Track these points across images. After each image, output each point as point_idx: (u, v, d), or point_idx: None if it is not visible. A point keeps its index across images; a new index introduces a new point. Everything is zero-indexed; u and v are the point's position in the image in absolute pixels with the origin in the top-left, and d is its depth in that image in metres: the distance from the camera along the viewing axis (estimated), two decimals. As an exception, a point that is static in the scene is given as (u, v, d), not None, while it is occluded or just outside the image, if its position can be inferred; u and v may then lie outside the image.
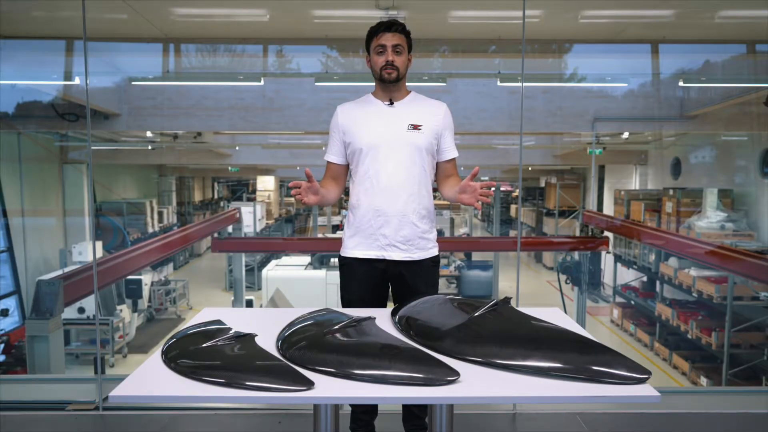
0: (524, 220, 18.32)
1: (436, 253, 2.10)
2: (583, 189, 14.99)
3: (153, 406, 2.79)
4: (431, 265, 2.09)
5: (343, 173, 2.14)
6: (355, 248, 2.07)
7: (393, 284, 2.09)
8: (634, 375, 1.28)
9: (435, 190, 2.17)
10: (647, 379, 1.27)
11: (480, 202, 1.84)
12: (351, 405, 2.10)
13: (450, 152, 2.10)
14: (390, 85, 2.03)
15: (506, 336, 1.47)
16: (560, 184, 15.08)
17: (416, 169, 2.02)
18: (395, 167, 2.00)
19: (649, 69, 7.04)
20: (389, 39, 2.00)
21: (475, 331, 1.48)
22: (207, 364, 1.36)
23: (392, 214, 2.00)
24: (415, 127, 2.02)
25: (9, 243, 8.50)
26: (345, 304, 2.10)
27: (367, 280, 2.06)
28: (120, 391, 1.26)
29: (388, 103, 2.06)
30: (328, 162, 2.13)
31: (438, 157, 2.10)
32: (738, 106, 7.44)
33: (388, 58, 1.99)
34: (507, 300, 1.62)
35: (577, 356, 1.35)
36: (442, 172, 2.12)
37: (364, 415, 2.13)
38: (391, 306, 2.10)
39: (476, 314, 1.54)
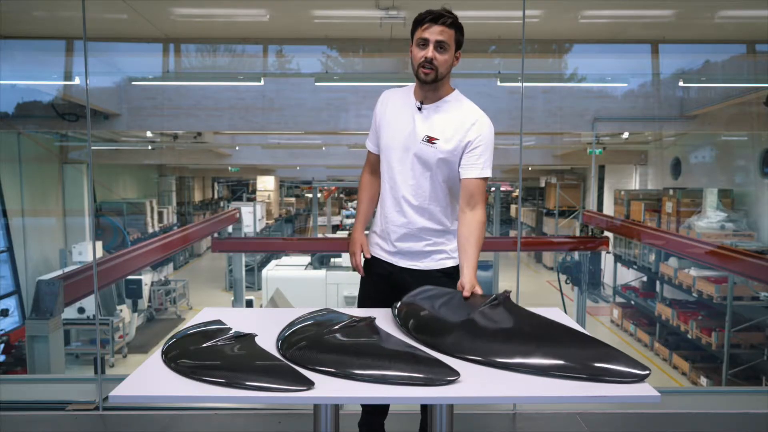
0: (524, 220, 18.32)
1: (450, 264, 1.93)
2: (583, 189, 15.00)
3: (153, 406, 2.79)
4: (440, 276, 1.93)
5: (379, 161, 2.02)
6: (373, 246, 2.04)
7: (400, 291, 2.02)
8: (635, 371, 1.28)
9: None
10: (648, 375, 1.28)
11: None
12: (362, 405, 2.07)
13: (471, 170, 1.83)
14: (427, 84, 1.82)
15: (506, 333, 1.47)
16: (560, 184, 15.08)
17: (426, 183, 1.87)
18: (403, 178, 1.89)
19: (649, 69, 7.04)
20: (434, 33, 1.74)
21: (474, 329, 1.48)
22: (207, 364, 1.36)
23: (399, 225, 1.93)
24: (431, 140, 1.83)
25: (9, 243, 8.51)
26: (359, 302, 2.09)
27: (374, 280, 2.03)
28: (120, 391, 1.26)
29: (418, 105, 1.87)
30: (368, 150, 2.07)
31: (460, 173, 1.86)
32: (738, 106, 7.44)
33: (427, 54, 1.75)
34: (507, 294, 1.58)
35: (577, 353, 1.35)
36: (463, 190, 1.86)
37: (374, 415, 2.10)
38: None
39: (477, 310, 1.54)
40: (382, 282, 2.03)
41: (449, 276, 1.93)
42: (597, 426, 2.66)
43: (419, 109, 1.86)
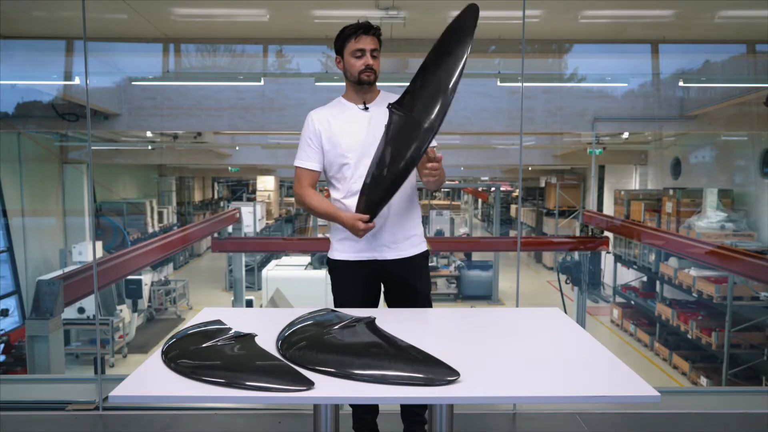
0: (524, 220, 18.31)
1: (426, 247, 2.11)
2: (583, 189, 15.00)
3: (153, 406, 2.79)
4: (422, 260, 2.09)
5: (318, 179, 2.11)
6: (346, 251, 2.06)
7: (386, 283, 2.09)
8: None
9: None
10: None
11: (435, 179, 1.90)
12: (351, 405, 2.10)
13: None
14: (365, 87, 2.02)
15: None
16: (560, 184, 15.08)
17: None
18: None
19: (649, 69, 7.04)
20: (368, 43, 1.99)
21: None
22: (207, 364, 1.36)
23: (380, 217, 1.99)
24: None
25: (9, 243, 8.50)
26: (338, 306, 2.10)
27: (359, 282, 2.06)
28: (120, 391, 1.26)
29: (362, 107, 2.04)
30: (306, 169, 2.05)
31: None
32: (738, 106, 7.44)
33: (367, 63, 1.99)
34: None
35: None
36: (422, 164, 2.05)
37: (365, 414, 2.13)
38: (383, 306, 2.09)
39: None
40: (371, 284, 2.07)
41: (426, 259, 2.13)
42: (597, 426, 2.66)
43: (365, 109, 2.04)
